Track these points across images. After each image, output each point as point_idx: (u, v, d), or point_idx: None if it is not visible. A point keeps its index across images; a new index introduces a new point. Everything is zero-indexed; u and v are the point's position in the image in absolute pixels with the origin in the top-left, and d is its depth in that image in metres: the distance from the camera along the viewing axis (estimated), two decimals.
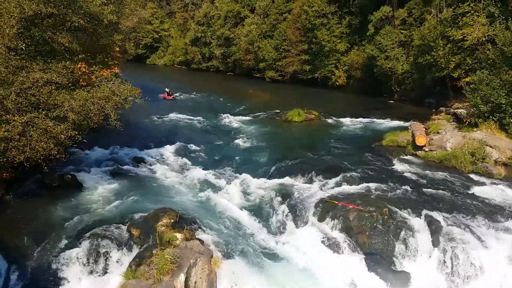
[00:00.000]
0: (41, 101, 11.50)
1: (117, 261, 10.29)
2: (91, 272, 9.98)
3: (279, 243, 11.70)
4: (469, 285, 10.46)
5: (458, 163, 15.91)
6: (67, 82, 12.53)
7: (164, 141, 20.25)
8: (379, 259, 11.09)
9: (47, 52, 13.39)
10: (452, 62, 27.14)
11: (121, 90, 14.19)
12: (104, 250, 10.36)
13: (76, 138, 12.26)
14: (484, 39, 25.22)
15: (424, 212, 12.11)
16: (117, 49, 22.04)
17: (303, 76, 45.59)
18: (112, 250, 10.46)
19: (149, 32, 79.59)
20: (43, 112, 11.49)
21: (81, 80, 15.09)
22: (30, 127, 11.10)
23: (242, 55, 55.14)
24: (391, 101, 34.13)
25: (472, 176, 15.16)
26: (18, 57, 11.51)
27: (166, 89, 35.79)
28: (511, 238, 10.92)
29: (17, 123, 10.68)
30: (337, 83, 42.31)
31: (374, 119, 26.48)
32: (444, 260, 10.77)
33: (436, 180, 14.80)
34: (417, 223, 11.72)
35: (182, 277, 9.48)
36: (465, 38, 26.26)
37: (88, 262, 10.09)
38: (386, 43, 34.68)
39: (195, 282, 9.63)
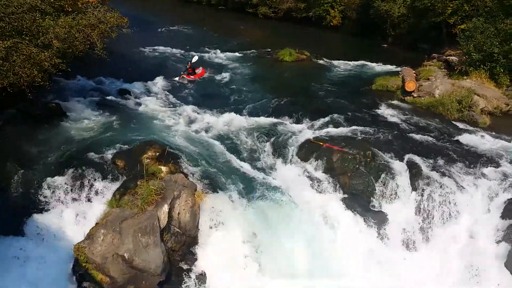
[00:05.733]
0: (24, 27, 11.14)
1: (101, 190, 10.41)
2: (75, 200, 10.11)
3: (263, 180, 11.88)
4: (445, 228, 10.92)
5: (445, 110, 16.00)
6: (51, 9, 12.10)
7: (151, 74, 19.84)
8: (359, 199, 11.45)
9: None
10: (449, 8, 26.43)
11: (108, 18, 13.78)
12: (88, 179, 10.44)
13: (60, 66, 12.01)
14: None
15: (407, 156, 12.32)
16: None
17: (297, 14, 44.19)
18: (96, 180, 10.54)
19: None
20: (27, 38, 11.16)
21: (66, 6, 14.53)
22: (14, 52, 10.81)
23: None
24: (385, 45, 33.55)
25: (457, 123, 15.31)
26: None
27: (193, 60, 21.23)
28: (488, 183, 11.26)
29: (0, 47, 10.36)
30: (332, 24, 41.19)
31: (366, 63, 26.13)
32: (421, 202, 11.14)
33: (421, 126, 14.93)
34: (399, 166, 11.95)
35: (166, 207, 9.69)
36: None
37: (72, 190, 10.19)
38: None
39: (179, 213, 9.86)
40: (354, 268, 10.44)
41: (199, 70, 20.89)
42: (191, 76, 20.34)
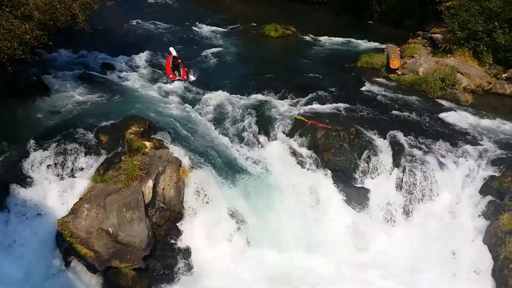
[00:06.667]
0: None
1: (84, 165, 10.35)
2: (58, 175, 10.04)
3: (247, 157, 11.96)
4: (425, 204, 11.16)
5: (428, 88, 16.11)
6: None
7: (135, 48, 19.42)
8: (342, 175, 11.61)
9: None
10: None
11: None
12: (71, 154, 10.34)
13: (42, 39, 11.78)
14: None
15: (390, 133, 12.43)
16: None
17: None
18: (80, 155, 10.45)
19: None
20: (7, 10, 10.88)
21: None
22: None
23: None
24: (370, 22, 33.43)
25: (440, 101, 15.46)
26: None
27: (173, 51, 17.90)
28: (468, 161, 11.47)
29: None
30: None
31: (352, 39, 25.99)
32: (402, 179, 11.34)
33: (405, 103, 15.04)
34: (382, 143, 12.10)
35: (150, 183, 9.71)
36: None
37: (55, 165, 10.10)
38: None
39: (163, 189, 9.88)
40: (336, 241, 10.68)
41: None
42: (184, 77, 16.89)
